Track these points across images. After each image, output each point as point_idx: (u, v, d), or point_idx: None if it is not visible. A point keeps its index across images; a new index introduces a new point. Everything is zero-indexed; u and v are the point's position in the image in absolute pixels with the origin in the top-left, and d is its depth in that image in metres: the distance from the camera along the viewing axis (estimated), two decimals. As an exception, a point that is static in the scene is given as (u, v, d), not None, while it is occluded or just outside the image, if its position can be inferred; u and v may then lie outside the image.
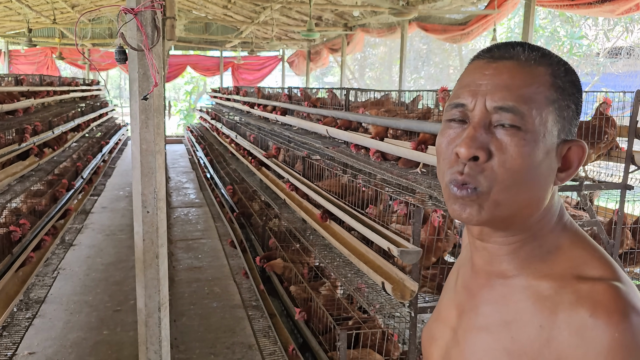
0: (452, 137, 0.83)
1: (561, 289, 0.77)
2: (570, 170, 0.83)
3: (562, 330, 0.74)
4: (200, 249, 6.69)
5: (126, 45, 2.14)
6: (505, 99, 0.78)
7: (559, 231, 0.84)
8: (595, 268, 0.78)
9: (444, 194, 0.85)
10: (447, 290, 1.03)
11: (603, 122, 3.18)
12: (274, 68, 17.74)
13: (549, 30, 14.19)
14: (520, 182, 0.78)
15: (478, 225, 0.84)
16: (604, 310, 0.71)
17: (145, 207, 2.29)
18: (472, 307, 0.89)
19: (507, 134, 0.78)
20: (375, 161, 4.05)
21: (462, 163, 0.80)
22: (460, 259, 1.04)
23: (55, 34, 14.57)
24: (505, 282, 0.84)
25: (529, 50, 0.82)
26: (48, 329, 4.39)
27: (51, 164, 6.87)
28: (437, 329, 0.98)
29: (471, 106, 0.81)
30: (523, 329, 0.79)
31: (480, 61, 0.84)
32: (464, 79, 0.86)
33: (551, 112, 0.79)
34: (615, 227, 3.24)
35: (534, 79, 0.80)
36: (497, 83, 0.80)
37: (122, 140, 14.78)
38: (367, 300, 3.42)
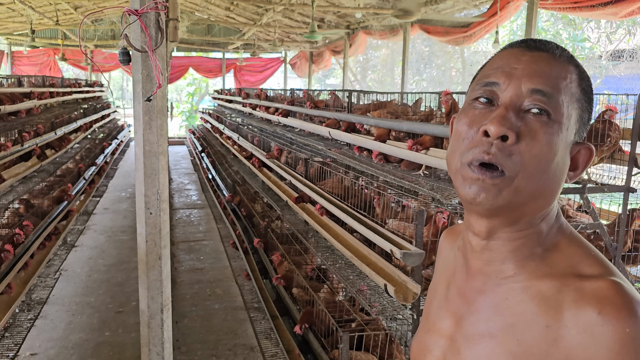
0: (477, 116, 0.82)
1: (563, 287, 0.77)
2: (578, 171, 0.84)
3: (570, 329, 0.74)
4: (202, 251, 6.69)
5: (130, 47, 2.14)
6: (543, 84, 0.79)
7: (556, 230, 0.85)
8: (593, 266, 0.79)
9: (458, 175, 0.82)
10: (434, 299, 1.00)
11: (606, 125, 3.17)
12: (276, 70, 17.75)
13: (551, 33, 14.20)
14: (543, 171, 0.78)
15: (490, 211, 0.81)
16: (611, 306, 0.71)
17: (148, 208, 2.28)
18: (471, 313, 0.87)
19: (537, 120, 0.78)
20: (378, 163, 4.05)
21: (488, 142, 0.78)
22: (445, 266, 1.01)
23: (58, 35, 14.60)
24: (505, 283, 0.83)
25: (561, 49, 0.84)
26: (50, 330, 4.39)
27: (54, 165, 6.88)
28: (431, 340, 0.95)
29: (504, 86, 0.81)
30: (528, 330, 0.78)
31: (514, 49, 0.84)
32: (495, 62, 0.85)
33: (575, 110, 0.81)
34: (618, 230, 3.23)
35: (567, 74, 0.81)
36: (534, 68, 0.80)
37: (125, 142, 14.79)
38: (369, 303, 3.42)
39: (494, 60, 0.86)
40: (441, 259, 1.06)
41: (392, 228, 3.34)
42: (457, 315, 0.90)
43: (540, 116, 0.78)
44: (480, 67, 0.91)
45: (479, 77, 0.87)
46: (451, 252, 1.01)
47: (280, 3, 9.54)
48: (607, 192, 3.22)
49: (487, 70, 0.85)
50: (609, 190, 3.20)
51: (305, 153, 5.25)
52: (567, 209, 3.53)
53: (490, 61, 0.88)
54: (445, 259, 1.03)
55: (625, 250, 3.35)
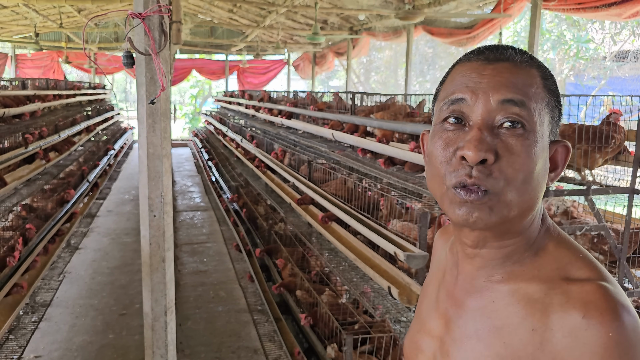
0: (451, 138, 0.80)
1: (550, 290, 0.77)
2: (558, 170, 0.85)
3: (555, 333, 0.74)
4: (205, 253, 6.69)
5: (134, 50, 2.15)
6: (513, 93, 0.78)
7: (543, 233, 0.85)
8: (581, 269, 0.79)
9: (445, 198, 0.81)
10: (426, 299, 1.00)
11: (610, 127, 3.16)
12: (279, 72, 17.77)
13: (555, 34, 14.17)
14: (527, 183, 0.78)
15: (485, 229, 0.81)
16: (596, 310, 0.72)
17: (152, 211, 2.28)
18: (460, 315, 0.87)
19: (512, 135, 0.77)
20: (381, 166, 4.04)
21: (468, 166, 0.77)
22: (437, 267, 1.02)
23: (61, 38, 14.65)
24: (493, 286, 0.84)
25: (519, 53, 0.82)
26: (54, 333, 4.40)
27: (57, 168, 6.89)
28: (422, 340, 0.95)
29: (472, 102, 0.79)
30: (515, 334, 0.78)
31: (472, 63, 0.83)
32: (456, 78, 0.83)
33: (547, 114, 0.81)
34: (623, 232, 3.21)
35: (532, 79, 0.80)
36: (499, 81, 0.79)
37: (128, 144, 14.83)
38: (372, 305, 3.41)
39: (454, 75, 0.84)
40: (435, 258, 1.06)
41: (395, 230, 3.33)
42: (446, 317, 0.90)
43: (515, 129, 0.77)
44: (439, 83, 0.89)
45: (443, 95, 0.85)
46: (443, 251, 1.02)
47: (283, 5, 9.55)
48: (611, 193, 3.20)
49: (450, 87, 0.84)
50: (614, 191, 3.18)
51: (308, 155, 5.25)
52: (571, 211, 3.51)
53: (450, 76, 0.86)
54: (438, 259, 1.03)
55: (630, 252, 3.33)
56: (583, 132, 3.16)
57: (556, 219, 3.44)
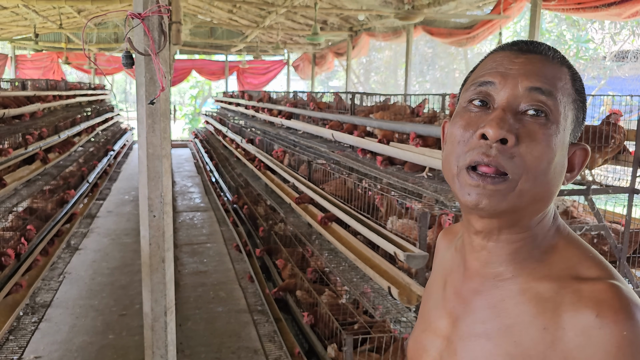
0: (473, 119, 0.80)
1: (561, 289, 0.76)
2: (574, 172, 0.84)
3: (567, 331, 0.73)
4: (205, 253, 6.69)
5: (133, 50, 2.15)
6: (541, 82, 0.78)
7: (553, 232, 0.84)
8: (591, 268, 0.78)
9: (455, 181, 0.81)
10: (431, 298, 1.00)
11: (610, 127, 3.16)
12: (279, 72, 17.77)
13: (555, 34, 14.17)
14: (544, 173, 0.77)
15: (494, 216, 0.80)
16: (609, 309, 0.71)
17: (152, 211, 2.28)
18: (467, 313, 0.86)
19: (535, 122, 0.77)
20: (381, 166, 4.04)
21: (487, 145, 0.77)
22: (442, 266, 1.01)
23: (61, 39, 14.66)
24: (502, 284, 0.83)
25: (553, 50, 0.83)
26: (54, 333, 4.40)
27: (57, 169, 6.89)
28: (427, 340, 0.94)
29: (500, 86, 0.80)
30: (525, 332, 0.77)
31: (506, 52, 0.83)
32: (488, 64, 0.84)
33: (571, 110, 0.81)
34: (623, 232, 3.22)
35: (562, 75, 0.81)
36: (530, 69, 0.80)
37: (128, 145, 14.83)
38: (372, 305, 3.41)
39: (487, 62, 0.85)
40: (438, 258, 1.05)
41: (395, 229, 3.33)
42: (454, 316, 0.89)
43: (538, 118, 0.77)
44: (471, 69, 0.90)
45: (472, 78, 0.85)
46: (448, 251, 1.01)
47: (282, 5, 9.55)
48: (611, 193, 3.21)
49: (481, 71, 0.84)
50: (614, 191, 3.19)
51: (308, 155, 5.25)
52: (571, 211, 3.51)
53: (482, 63, 0.86)
54: (442, 259, 1.02)
55: (630, 252, 3.34)
56: (583, 132, 3.16)
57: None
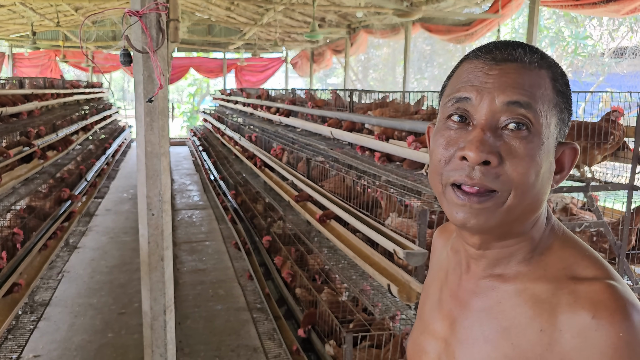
0: (453, 137, 0.79)
1: (558, 290, 0.76)
2: (564, 172, 0.83)
3: (564, 333, 0.73)
4: (204, 252, 6.69)
5: (131, 48, 2.13)
6: (519, 94, 0.76)
7: (548, 233, 0.84)
8: (588, 267, 0.77)
9: (443, 199, 0.80)
10: (428, 299, 0.99)
11: (609, 123, 3.16)
12: (277, 69, 17.74)
13: (553, 31, 14.16)
14: (532, 187, 0.76)
15: (484, 232, 0.80)
16: (605, 310, 0.71)
17: (151, 209, 2.27)
18: (465, 316, 0.86)
19: (516, 137, 0.75)
20: (381, 164, 4.03)
21: (469, 167, 0.76)
22: (438, 266, 1.00)
23: (59, 37, 14.62)
24: (499, 287, 0.83)
25: (529, 52, 0.79)
26: (53, 332, 4.39)
27: (55, 167, 6.87)
28: (426, 342, 0.94)
29: (476, 102, 0.77)
30: (523, 334, 0.77)
31: (479, 62, 0.80)
32: (463, 75, 0.81)
33: (554, 116, 0.79)
34: (622, 228, 3.21)
35: (540, 81, 0.78)
36: (505, 81, 0.77)
37: (126, 143, 14.80)
38: (372, 303, 3.41)
39: (461, 72, 0.82)
40: (435, 257, 1.05)
41: (393, 226, 3.33)
42: (451, 318, 0.89)
43: (520, 131, 0.76)
44: (446, 78, 0.87)
45: (448, 91, 0.83)
46: (444, 251, 1.00)
47: (280, 3, 9.53)
48: (610, 190, 3.20)
49: (456, 84, 0.82)
50: (613, 188, 3.19)
51: (307, 153, 5.24)
52: (571, 207, 3.51)
53: (457, 72, 0.84)
54: (439, 258, 1.02)
55: (629, 248, 3.34)
56: (582, 128, 3.16)
57: (555, 216, 3.43)
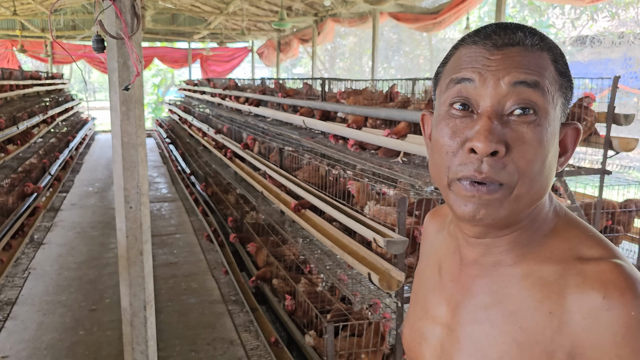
0: (459, 126, 0.76)
1: (565, 271, 0.75)
2: (568, 154, 0.81)
3: (574, 314, 0.72)
4: (175, 244, 6.57)
5: (105, 34, 2.04)
6: (525, 74, 0.73)
7: (552, 214, 0.82)
8: (593, 247, 0.77)
9: (449, 192, 0.78)
10: (424, 284, 0.96)
11: (582, 109, 3.22)
12: (243, 59, 17.54)
13: (518, 19, 14.41)
14: (540, 173, 0.75)
15: (491, 225, 0.78)
16: (616, 290, 0.70)
17: (128, 202, 2.19)
18: (468, 300, 0.84)
19: (524, 122, 0.73)
20: (354, 151, 4.02)
21: (478, 160, 0.73)
22: (433, 250, 0.98)
23: (15, 26, 14.06)
24: (505, 271, 0.81)
25: (530, 35, 0.77)
26: (21, 332, 4.24)
27: (17, 161, 6.63)
28: (426, 328, 0.91)
29: (479, 84, 0.75)
30: (531, 318, 0.76)
31: (478, 47, 0.77)
32: (462, 58, 0.78)
33: (559, 97, 0.77)
34: (594, 212, 3.29)
35: (544, 62, 0.76)
36: (510, 63, 0.74)
37: (89, 135, 14.42)
38: (350, 291, 3.41)
39: (460, 57, 0.79)
40: (427, 242, 1.02)
41: (371, 215, 3.32)
42: (453, 303, 0.87)
43: (526, 116, 0.73)
44: (439, 65, 0.84)
45: (447, 74, 0.80)
46: (439, 235, 0.98)
47: (247, -9, 9.39)
48: (583, 174, 3.27)
49: (456, 67, 0.79)
50: (586, 172, 3.25)
51: (278, 143, 5.19)
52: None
53: (454, 58, 0.80)
54: (433, 243, 0.99)
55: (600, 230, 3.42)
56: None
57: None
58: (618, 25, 12.65)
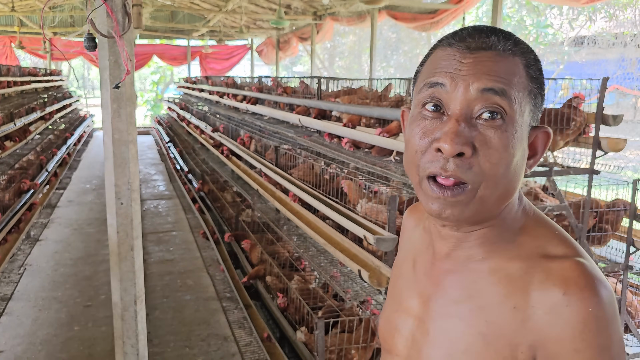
0: (429, 127, 0.79)
1: (530, 268, 0.78)
2: (537, 156, 0.84)
3: (537, 309, 0.75)
4: (171, 242, 6.60)
5: (96, 32, 2.07)
6: (493, 81, 0.76)
7: (521, 213, 0.86)
8: (558, 246, 0.80)
9: (420, 190, 0.82)
10: (400, 277, 1.00)
11: (571, 110, 3.25)
12: (242, 57, 17.55)
13: (515, 19, 14.42)
14: (504, 176, 0.78)
15: (457, 222, 0.82)
16: (575, 287, 0.73)
17: (119, 198, 2.23)
18: (439, 294, 0.88)
19: (491, 126, 0.76)
20: (349, 150, 4.05)
21: (444, 159, 0.77)
22: (410, 245, 1.01)
23: (14, 22, 14.07)
24: (474, 266, 0.84)
25: (503, 39, 0.80)
26: (16, 327, 4.27)
27: (14, 158, 6.65)
28: (399, 319, 0.95)
29: (450, 89, 0.78)
30: (497, 312, 0.79)
31: (453, 49, 0.80)
32: (437, 61, 0.81)
33: (528, 102, 0.80)
34: (583, 211, 3.32)
35: (514, 68, 0.78)
36: (480, 69, 0.77)
37: (87, 132, 14.44)
38: (342, 288, 3.44)
39: (436, 59, 0.82)
40: (405, 237, 1.06)
41: (363, 213, 3.35)
42: (425, 296, 0.90)
43: (494, 120, 0.76)
44: (419, 64, 0.88)
45: (422, 77, 0.83)
46: (416, 230, 1.01)
47: (245, -11, 9.41)
48: (572, 174, 3.30)
49: (431, 70, 0.82)
50: (574, 172, 3.29)
51: (275, 141, 5.22)
52: (536, 192, 3.60)
53: (431, 58, 0.84)
54: (410, 238, 1.03)
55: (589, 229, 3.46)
56: (545, 115, 3.24)
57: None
58: (616, 26, 12.68)
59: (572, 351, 0.73)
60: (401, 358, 0.94)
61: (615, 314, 0.75)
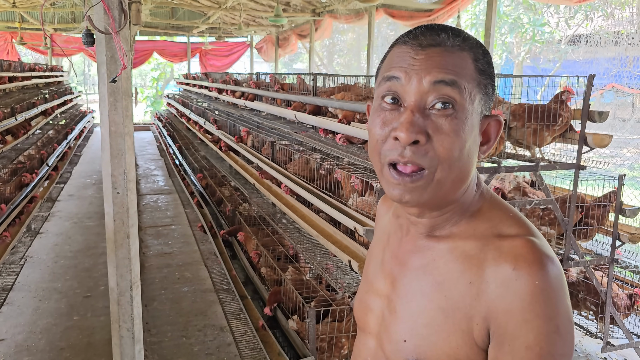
0: (388, 118, 0.87)
1: (485, 247, 0.86)
2: (490, 143, 0.92)
3: (490, 284, 0.83)
4: (170, 235, 6.69)
5: (93, 29, 2.16)
6: (444, 74, 0.84)
7: (478, 197, 0.94)
8: (512, 226, 0.88)
9: (382, 176, 0.89)
10: (372, 262, 1.08)
11: (559, 105, 3.33)
12: (242, 54, 17.60)
13: (512, 18, 14.46)
14: (457, 160, 0.85)
15: (417, 206, 0.90)
16: (524, 262, 0.81)
17: (115, 188, 2.32)
18: (404, 274, 0.96)
19: (442, 115, 0.84)
20: (342, 145, 4.14)
21: (401, 147, 0.84)
22: (382, 231, 1.09)
23: (15, 18, 14.14)
24: (434, 246, 0.93)
25: (452, 36, 0.87)
26: (17, 316, 4.37)
27: (15, 152, 6.74)
28: (371, 300, 1.03)
29: (405, 82, 0.85)
30: (454, 287, 0.87)
31: (407, 47, 0.88)
32: (393, 58, 0.89)
33: (478, 92, 0.87)
34: (569, 206, 3.41)
35: (462, 62, 0.86)
36: (431, 64, 0.85)
37: (88, 128, 14.52)
38: (335, 280, 3.53)
39: (392, 56, 0.90)
40: (379, 223, 1.14)
41: (355, 206, 3.44)
42: (392, 276, 0.98)
43: (445, 110, 0.84)
44: (380, 61, 0.96)
45: (383, 70, 0.91)
46: (386, 216, 1.10)
47: (245, -14, 9.47)
48: (559, 169, 3.39)
49: (388, 66, 0.90)
50: (561, 167, 3.37)
51: (272, 136, 5.30)
52: (523, 186, 3.69)
53: (389, 56, 0.91)
54: (382, 224, 1.11)
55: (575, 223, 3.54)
56: (532, 111, 3.32)
57: (510, 195, 3.61)
58: (614, 25, 12.73)
59: (522, 321, 0.80)
60: (373, 335, 1.02)
61: (562, 287, 0.82)
